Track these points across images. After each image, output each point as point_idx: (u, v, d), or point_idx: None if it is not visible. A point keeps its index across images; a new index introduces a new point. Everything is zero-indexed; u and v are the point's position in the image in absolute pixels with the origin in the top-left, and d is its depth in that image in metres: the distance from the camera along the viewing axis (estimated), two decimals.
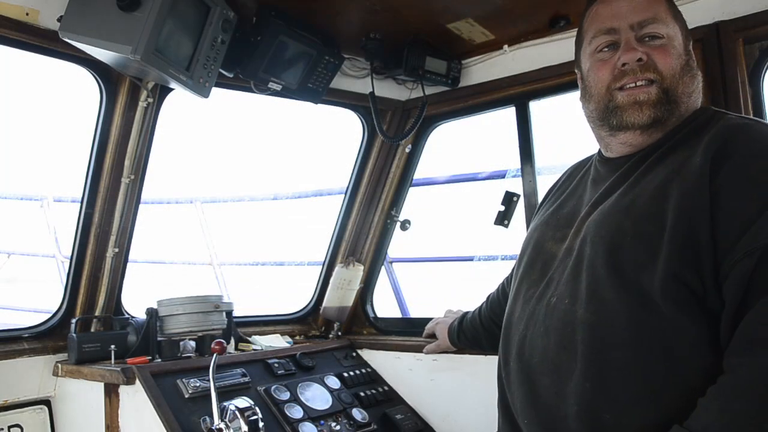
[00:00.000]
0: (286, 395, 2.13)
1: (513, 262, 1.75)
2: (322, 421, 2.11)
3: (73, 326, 2.15)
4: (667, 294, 1.23)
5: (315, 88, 2.33)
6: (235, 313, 2.40)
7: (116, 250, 2.22)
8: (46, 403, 2.17)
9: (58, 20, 1.76)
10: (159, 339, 2.16)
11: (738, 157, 1.23)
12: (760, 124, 1.33)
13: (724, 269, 1.19)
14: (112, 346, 2.10)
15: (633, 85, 1.40)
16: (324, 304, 2.80)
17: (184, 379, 1.97)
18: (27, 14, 1.77)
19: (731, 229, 1.19)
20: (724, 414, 1.12)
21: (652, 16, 1.41)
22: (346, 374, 2.42)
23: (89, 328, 2.26)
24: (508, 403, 1.52)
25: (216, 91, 2.04)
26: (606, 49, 1.45)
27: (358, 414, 2.23)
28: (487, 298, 2.10)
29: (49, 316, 2.24)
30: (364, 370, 2.51)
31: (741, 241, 1.17)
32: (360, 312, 2.87)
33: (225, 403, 1.87)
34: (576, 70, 1.61)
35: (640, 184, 1.36)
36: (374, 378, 2.53)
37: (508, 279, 1.96)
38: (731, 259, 1.18)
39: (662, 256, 1.23)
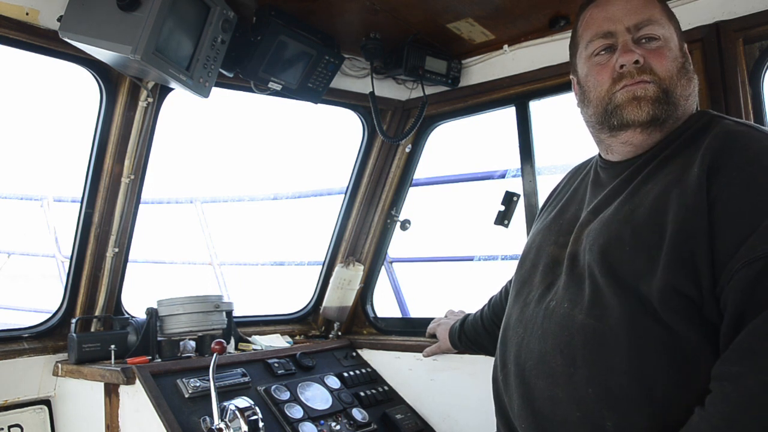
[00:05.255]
0: (286, 395, 2.13)
1: (513, 262, 1.75)
2: (322, 421, 2.11)
3: (73, 326, 2.15)
4: (665, 304, 1.23)
5: (315, 88, 2.33)
6: (235, 313, 2.40)
7: (116, 250, 2.22)
8: (46, 403, 2.17)
9: (58, 20, 1.76)
10: (159, 339, 2.16)
11: (731, 167, 1.23)
12: (754, 131, 1.31)
13: (722, 280, 1.19)
14: (112, 346, 2.10)
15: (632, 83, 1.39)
16: (324, 304, 2.80)
17: (184, 379, 1.97)
18: (27, 14, 1.78)
19: (729, 241, 1.18)
20: (728, 424, 1.11)
21: (648, 18, 1.41)
22: (346, 374, 2.42)
23: (89, 328, 2.26)
24: (504, 407, 1.52)
25: (216, 91, 2.04)
26: (603, 53, 1.45)
27: (358, 414, 2.23)
28: (489, 300, 2.10)
29: (49, 316, 2.24)
30: (364, 370, 2.51)
31: (739, 252, 1.16)
32: (360, 312, 2.87)
33: (225, 403, 1.88)
34: (572, 76, 1.60)
35: (640, 193, 1.36)
36: (374, 378, 2.53)
37: (511, 281, 1.96)
38: (730, 270, 1.17)
39: (660, 267, 1.23)
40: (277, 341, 2.54)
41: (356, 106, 2.65)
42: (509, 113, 2.51)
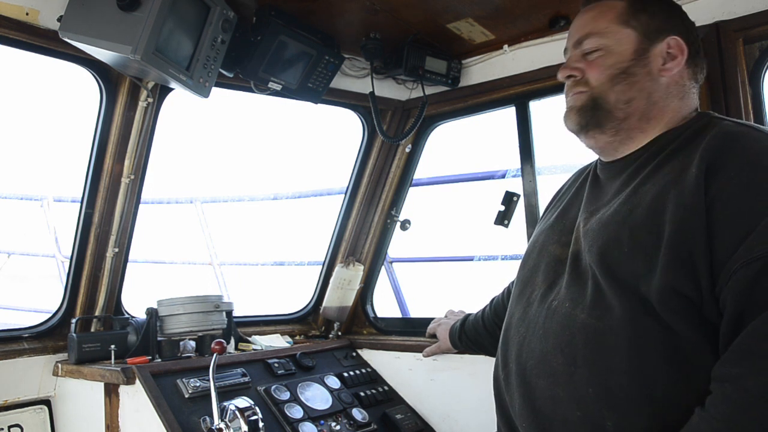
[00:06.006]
0: (286, 395, 2.13)
1: (513, 262, 1.76)
2: (322, 421, 2.11)
3: (73, 326, 2.15)
4: (665, 304, 1.23)
5: (315, 88, 2.33)
6: (235, 313, 2.40)
7: (116, 250, 2.22)
8: (46, 403, 2.17)
9: (58, 20, 1.76)
10: (159, 339, 2.16)
11: (730, 167, 1.23)
12: (753, 131, 1.31)
13: (721, 280, 1.19)
14: (112, 346, 2.10)
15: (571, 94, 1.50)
16: (324, 304, 2.80)
17: (184, 379, 1.97)
18: (27, 14, 1.78)
19: (728, 241, 1.18)
20: (728, 425, 1.12)
21: (588, 32, 1.47)
22: (346, 374, 2.42)
23: (89, 328, 2.26)
24: (505, 406, 1.52)
25: (216, 91, 2.04)
26: None
27: (358, 414, 2.23)
28: (491, 301, 2.09)
29: (49, 316, 2.24)
30: (364, 370, 2.51)
31: (738, 252, 1.17)
32: (360, 312, 2.87)
33: (225, 403, 1.88)
34: None
35: (638, 193, 1.36)
36: (374, 378, 2.53)
37: (513, 283, 1.96)
38: (728, 271, 1.17)
39: (659, 267, 1.24)
40: (277, 341, 2.54)
41: (356, 106, 2.65)
42: (509, 113, 2.51)
